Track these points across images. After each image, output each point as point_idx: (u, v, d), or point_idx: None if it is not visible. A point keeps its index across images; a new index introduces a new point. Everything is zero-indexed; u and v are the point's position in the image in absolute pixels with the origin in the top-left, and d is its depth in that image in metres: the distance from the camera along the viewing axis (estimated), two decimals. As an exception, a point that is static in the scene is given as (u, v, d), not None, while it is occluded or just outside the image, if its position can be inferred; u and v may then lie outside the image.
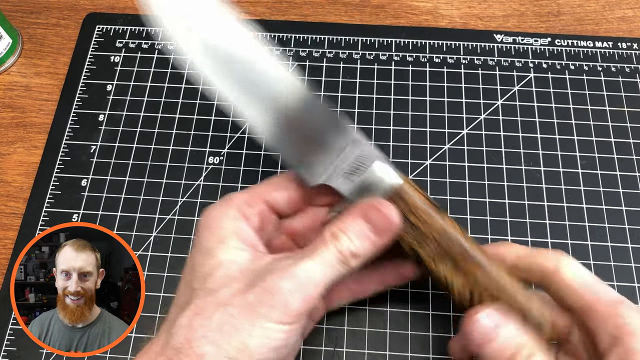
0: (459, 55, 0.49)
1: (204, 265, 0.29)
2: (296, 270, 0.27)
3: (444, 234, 0.31)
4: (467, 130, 0.45)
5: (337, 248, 0.28)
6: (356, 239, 0.29)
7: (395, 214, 0.30)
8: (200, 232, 0.30)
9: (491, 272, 0.30)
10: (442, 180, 0.43)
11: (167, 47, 0.49)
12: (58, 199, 0.43)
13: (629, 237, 0.41)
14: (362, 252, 0.29)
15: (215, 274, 0.28)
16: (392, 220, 0.29)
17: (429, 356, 0.38)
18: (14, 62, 0.49)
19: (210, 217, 0.31)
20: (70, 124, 0.46)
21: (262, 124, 0.32)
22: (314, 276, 0.27)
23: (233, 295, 0.27)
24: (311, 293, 0.27)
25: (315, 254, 0.28)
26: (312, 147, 0.32)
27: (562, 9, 0.52)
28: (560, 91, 0.47)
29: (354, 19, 0.51)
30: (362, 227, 0.29)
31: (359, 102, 0.47)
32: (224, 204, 0.31)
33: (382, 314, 0.39)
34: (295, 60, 0.49)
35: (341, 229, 0.29)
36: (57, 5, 0.52)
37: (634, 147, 0.45)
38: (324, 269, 0.28)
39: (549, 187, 0.43)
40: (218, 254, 0.29)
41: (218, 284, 0.28)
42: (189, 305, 0.27)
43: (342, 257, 0.28)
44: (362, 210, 0.29)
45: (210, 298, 0.27)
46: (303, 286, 0.27)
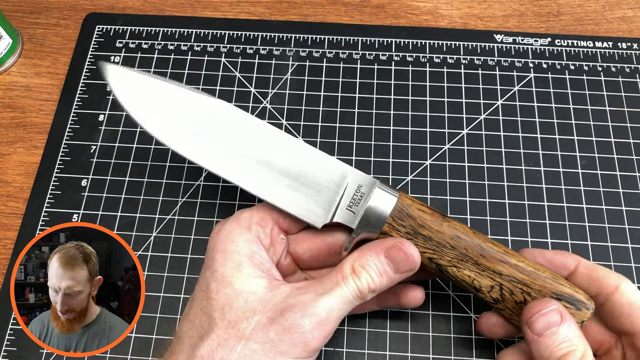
0: (459, 55, 0.49)
1: (219, 292, 0.29)
2: (316, 308, 0.28)
3: (457, 239, 0.31)
4: (467, 130, 0.45)
5: (356, 284, 0.29)
6: (376, 276, 0.29)
7: (416, 252, 0.30)
8: (213, 255, 0.30)
9: (516, 265, 0.31)
10: (442, 180, 0.43)
11: (167, 47, 0.49)
12: (58, 199, 0.43)
13: (629, 237, 0.41)
14: (380, 287, 0.30)
15: (235, 305, 0.28)
16: (414, 260, 0.30)
17: (429, 356, 0.38)
18: (14, 62, 0.49)
19: (222, 237, 0.31)
20: (70, 124, 0.46)
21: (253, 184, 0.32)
22: (333, 314, 0.28)
23: (254, 330, 0.27)
24: (329, 330, 0.28)
25: (334, 291, 0.28)
26: (307, 193, 0.32)
27: (562, 9, 0.52)
28: (560, 91, 0.47)
29: (354, 19, 0.51)
30: (383, 264, 0.30)
31: (359, 102, 0.47)
32: (236, 222, 0.31)
33: (382, 314, 0.39)
34: (295, 60, 0.49)
35: (362, 265, 0.29)
36: (57, 5, 0.52)
37: (634, 147, 0.45)
38: (343, 306, 0.28)
39: (549, 187, 0.43)
40: (235, 283, 0.29)
41: (239, 316, 0.28)
42: (209, 334, 0.28)
43: (360, 293, 0.29)
44: (384, 248, 0.30)
45: (232, 331, 0.28)
46: (322, 324, 0.28)
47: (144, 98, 0.33)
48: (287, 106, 0.46)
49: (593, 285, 0.32)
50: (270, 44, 0.50)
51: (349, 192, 0.31)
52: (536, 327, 0.29)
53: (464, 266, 0.31)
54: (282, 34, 0.50)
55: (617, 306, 0.31)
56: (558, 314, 0.29)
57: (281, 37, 0.50)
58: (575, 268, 0.33)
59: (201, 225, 0.42)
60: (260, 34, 0.50)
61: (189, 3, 0.52)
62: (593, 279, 0.32)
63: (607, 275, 0.32)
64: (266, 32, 0.50)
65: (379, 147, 0.45)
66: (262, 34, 0.50)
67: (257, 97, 0.47)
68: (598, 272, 0.32)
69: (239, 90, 0.47)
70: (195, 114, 0.33)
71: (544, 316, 0.29)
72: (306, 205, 0.32)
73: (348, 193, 0.31)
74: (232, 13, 0.52)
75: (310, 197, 0.32)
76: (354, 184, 0.32)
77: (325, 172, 0.32)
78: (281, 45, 0.49)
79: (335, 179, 0.32)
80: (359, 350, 0.38)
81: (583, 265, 0.32)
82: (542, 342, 0.29)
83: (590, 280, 0.32)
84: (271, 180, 0.32)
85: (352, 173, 0.32)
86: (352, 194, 0.31)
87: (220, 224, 0.32)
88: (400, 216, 0.31)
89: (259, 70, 0.48)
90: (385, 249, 0.30)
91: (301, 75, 0.48)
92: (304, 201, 0.32)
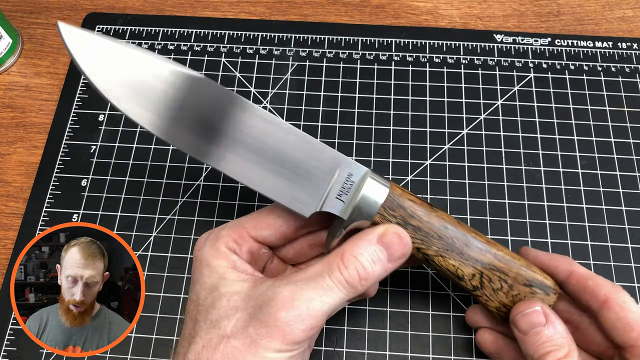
0: (459, 55, 0.49)
1: (207, 298, 0.29)
2: (295, 302, 0.27)
3: (445, 229, 0.31)
4: (467, 130, 0.45)
5: (343, 275, 0.28)
6: (369, 264, 0.28)
7: (408, 238, 0.30)
8: (201, 269, 0.30)
9: (495, 254, 0.32)
10: (442, 180, 0.43)
11: (167, 47, 0.49)
12: (58, 199, 0.43)
13: (629, 237, 0.41)
14: (373, 276, 0.29)
15: (218, 305, 0.28)
16: (408, 243, 0.30)
17: (429, 356, 0.38)
18: (14, 62, 0.49)
19: (203, 255, 0.30)
20: (70, 124, 0.46)
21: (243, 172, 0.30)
22: (314, 307, 0.27)
23: (234, 326, 0.27)
24: (311, 324, 0.27)
25: (315, 282, 0.27)
26: (294, 180, 0.30)
27: (562, 9, 0.52)
28: (560, 91, 0.47)
29: (354, 19, 0.51)
30: (377, 252, 0.29)
31: (359, 102, 0.47)
32: (214, 242, 0.31)
33: (382, 314, 0.39)
34: (295, 60, 0.49)
35: (354, 254, 0.28)
36: (57, 5, 0.52)
37: (634, 147, 0.45)
38: (326, 299, 0.27)
39: (549, 187, 0.43)
40: (220, 288, 0.29)
41: (220, 315, 0.28)
42: (194, 338, 0.28)
43: (347, 284, 0.28)
44: (376, 235, 0.29)
45: (214, 330, 0.28)
46: (302, 317, 0.27)
47: (111, 68, 0.29)
48: (287, 106, 0.46)
49: (583, 297, 0.32)
50: (270, 44, 0.50)
51: (339, 180, 0.30)
52: (521, 325, 0.31)
53: (450, 255, 0.31)
54: (282, 34, 0.50)
55: (605, 320, 0.31)
56: (542, 315, 0.31)
57: (281, 37, 0.50)
58: (568, 276, 0.33)
59: (201, 225, 0.42)
60: (260, 34, 0.50)
61: (189, 3, 0.52)
62: (584, 290, 0.32)
63: (597, 287, 0.31)
64: (266, 32, 0.50)
65: (379, 147, 0.45)
66: (262, 34, 0.50)
67: (257, 97, 0.47)
68: (589, 283, 0.32)
69: (239, 90, 0.47)
70: (172, 88, 0.29)
71: (527, 316, 0.31)
72: (293, 193, 0.30)
73: (338, 181, 0.30)
74: (232, 13, 0.52)
75: (297, 184, 0.30)
76: (344, 172, 0.30)
77: (313, 159, 0.30)
78: (281, 45, 0.49)
79: (325, 166, 0.30)
80: (359, 350, 0.38)
81: (575, 275, 0.32)
82: (527, 340, 0.31)
83: (582, 289, 0.32)
84: (255, 165, 0.30)
85: (342, 161, 0.30)
86: (342, 182, 0.30)
87: (201, 243, 0.31)
88: (392, 206, 0.30)
89: (259, 70, 0.48)
90: (378, 235, 0.29)
91: (301, 75, 0.48)
92: (290, 188, 0.30)
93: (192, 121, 0.30)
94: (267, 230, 0.32)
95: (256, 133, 0.30)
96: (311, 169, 0.30)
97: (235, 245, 0.31)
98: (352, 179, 0.30)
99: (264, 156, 0.30)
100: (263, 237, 0.32)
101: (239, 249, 0.31)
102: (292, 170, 0.30)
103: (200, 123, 0.30)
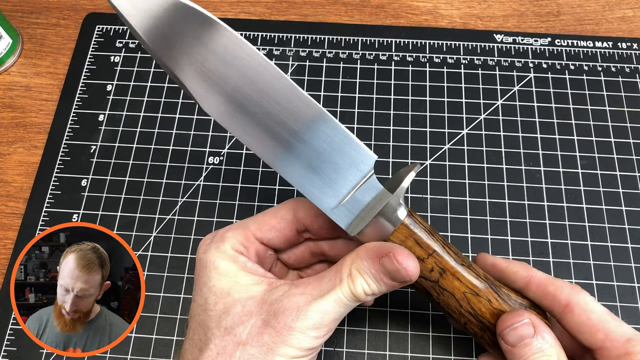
0: (459, 55, 0.49)
1: (217, 304, 0.29)
2: (310, 312, 0.27)
3: (442, 260, 0.30)
4: (467, 130, 0.45)
5: (351, 290, 0.28)
6: (373, 283, 0.28)
7: (414, 264, 0.28)
8: (208, 273, 0.30)
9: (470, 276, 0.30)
10: (442, 180, 0.43)
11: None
12: (58, 199, 0.43)
13: (629, 237, 0.41)
14: (379, 292, 0.29)
15: (232, 312, 0.28)
16: (408, 273, 0.28)
17: (429, 356, 0.38)
18: (14, 62, 0.49)
19: (209, 258, 0.30)
20: (70, 124, 0.46)
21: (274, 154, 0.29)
22: (327, 317, 0.28)
23: (250, 333, 0.27)
24: (325, 332, 0.28)
25: (329, 294, 0.28)
26: (324, 177, 0.30)
27: (562, 9, 0.52)
28: (560, 91, 0.47)
29: (354, 19, 0.51)
30: (378, 272, 0.28)
31: (359, 102, 0.47)
32: (219, 244, 0.30)
33: (382, 314, 0.39)
34: (295, 60, 0.49)
35: (358, 270, 0.28)
36: (57, 5, 0.52)
37: (634, 147, 0.45)
38: (338, 308, 0.28)
39: (549, 187, 0.43)
40: (234, 293, 0.29)
41: (235, 321, 0.28)
42: (208, 345, 0.28)
43: (355, 297, 0.28)
44: (380, 255, 0.28)
45: (229, 337, 0.28)
46: (316, 327, 0.27)
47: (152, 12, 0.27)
48: (287, 106, 0.46)
49: (545, 302, 0.31)
50: (270, 44, 0.50)
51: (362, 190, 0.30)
52: (509, 339, 0.30)
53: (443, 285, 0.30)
54: (282, 34, 0.50)
55: (570, 324, 0.30)
56: (530, 326, 0.30)
57: (281, 37, 0.50)
58: (528, 282, 0.32)
59: (201, 225, 0.42)
60: (260, 33, 0.50)
61: (189, 3, 0.52)
62: (545, 295, 0.31)
63: (557, 291, 0.31)
64: (266, 32, 0.50)
65: (379, 147, 0.45)
66: (262, 34, 0.50)
67: (257, 97, 0.47)
68: (549, 288, 0.31)
69: (239, 90, 0.47)
70: (213, 44, 0.27)
71: (515, 330, 0.30)
72: (320, 190, 0.29)
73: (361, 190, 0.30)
74: (232, 13, 0.52)
75: (326, 182, 0.29)
76: (369, 185, 0.30)
77: (349, 160, 0.29)
78: (281, 45, 0.49)
79: (357, 170, 0.30)
80: (359, 350, 0.38)
81: (534, 281, 0.32)
82: (515, 353, 0.30)
83: (542, 295, 0.31)
84: (289, 152, 0.29)
85: (371, 174, 0.30)
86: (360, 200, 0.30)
87: (205, 245, 0.31)
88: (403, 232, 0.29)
89: (259, 70, 0.48)
90: (380, 256, 0.28)
91: (301, 75, 0.48)
92: (319, 185, 0.29)
93: (227, 83, 0.28)
94: (271, 232, 0.31)
95: (297, 117, 0.29)
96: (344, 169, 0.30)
97: (242, 247, 0.31)
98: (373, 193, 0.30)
99: (302, 142, 0.29)
100: (267, 239, 0.32)
101: (245, 250, 0.31)
102: (322, 165, 0.30)
103: (235, 88, 0.28)
